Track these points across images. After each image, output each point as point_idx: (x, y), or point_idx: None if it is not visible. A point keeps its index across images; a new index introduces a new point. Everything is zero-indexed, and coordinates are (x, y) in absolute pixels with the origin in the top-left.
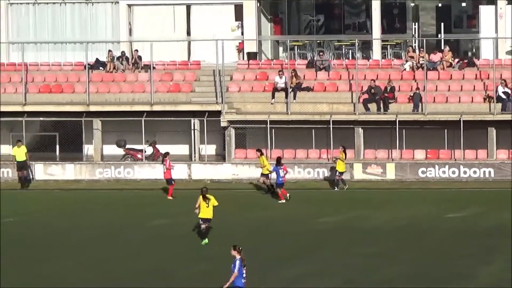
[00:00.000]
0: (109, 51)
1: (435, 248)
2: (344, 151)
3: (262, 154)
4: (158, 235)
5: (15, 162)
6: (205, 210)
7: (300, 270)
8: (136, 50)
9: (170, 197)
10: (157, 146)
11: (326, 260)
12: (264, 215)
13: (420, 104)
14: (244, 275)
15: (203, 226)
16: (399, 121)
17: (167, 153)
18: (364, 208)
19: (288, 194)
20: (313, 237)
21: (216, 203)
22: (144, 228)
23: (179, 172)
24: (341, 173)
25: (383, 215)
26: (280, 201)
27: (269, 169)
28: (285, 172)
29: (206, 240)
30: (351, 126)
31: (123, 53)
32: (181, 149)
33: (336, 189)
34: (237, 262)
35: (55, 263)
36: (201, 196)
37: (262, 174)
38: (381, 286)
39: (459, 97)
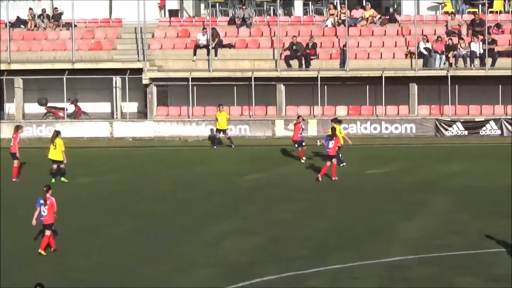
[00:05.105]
0: (30, 9)
1: (358, 204)
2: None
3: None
4: (86, 192)
5: None
6: (53, 152)
7: (224, 227)
8: (56, 8)
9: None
10: (78, 104)
11: (251, 217)
12: (188, 172)
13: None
14: (42, 213)
15: (54, 166)
16: (320, 77)
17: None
18: (287, 165)
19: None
20: (237, 195)
21: (63, 148)
22: (72, 185)
23: (101, 130)
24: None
25: (308, 172)
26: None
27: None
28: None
29: (64, 179)
30: (273, 82)
31: (43, 10)
32: (103, 107)
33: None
34: (40, 201)
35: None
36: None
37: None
38: (304, 242)
39: (381, 53)
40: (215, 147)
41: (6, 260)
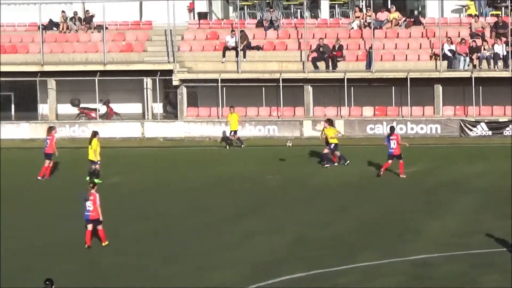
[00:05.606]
0: (62, 11)
1: (385, 204)
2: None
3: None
4: (116, 191)
5: None
6: (90, 152)
7: (251, 226)
8: (88, 11)
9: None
10: (110, 105)
11: (277, 216)
12: (217, 171)
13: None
14: (88, 208)
15: (92, 166)
16: (347, 78)
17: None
18: (313, 165)
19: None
20: (264, 193)
21: (95, 148)
22: (103, 185)
23: (133, 130)
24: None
25: (332, 172)
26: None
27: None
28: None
29: (98, 180)
30: (301, 84)
31: (75, 13)
32: (134, 108)
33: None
34: (85, 197)
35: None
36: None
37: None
38: (330, 241)
39: (406, 55)
40: (227, 147)
41: (26, 258)
